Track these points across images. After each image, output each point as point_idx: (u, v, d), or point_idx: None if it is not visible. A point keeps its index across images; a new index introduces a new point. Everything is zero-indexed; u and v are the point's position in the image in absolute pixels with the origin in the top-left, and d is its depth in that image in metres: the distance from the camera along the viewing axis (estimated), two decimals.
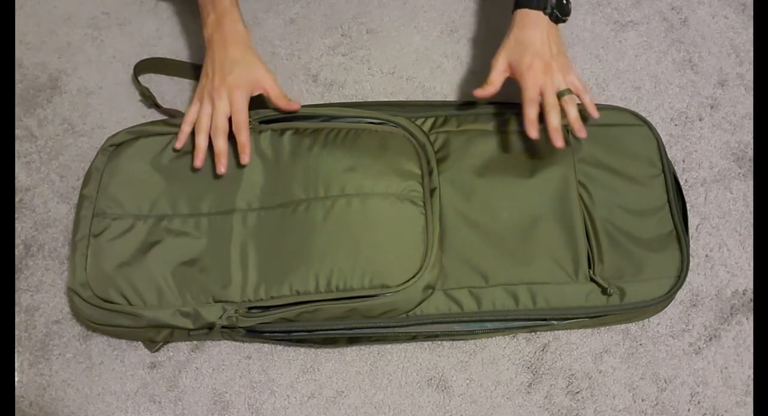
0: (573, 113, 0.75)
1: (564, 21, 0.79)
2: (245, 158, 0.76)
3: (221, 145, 0.75)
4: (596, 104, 0.85)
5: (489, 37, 0.78)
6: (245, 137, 0.76)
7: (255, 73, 0.77)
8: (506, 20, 0.79)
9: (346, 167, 0.77)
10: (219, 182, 0.77)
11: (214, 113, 0.75)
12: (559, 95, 0.75)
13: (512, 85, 0.78)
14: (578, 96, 0.77)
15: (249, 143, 0.76)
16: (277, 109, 0.79)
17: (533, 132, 0.75)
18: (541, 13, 0.76)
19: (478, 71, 0.92)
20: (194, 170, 0.78)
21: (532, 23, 0.76)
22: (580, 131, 0.75)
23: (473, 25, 0.96)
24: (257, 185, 0.77)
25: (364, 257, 0.72)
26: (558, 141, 0.74)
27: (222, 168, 0.75)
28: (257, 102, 0.79)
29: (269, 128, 0.79)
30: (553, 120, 0.74)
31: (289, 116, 0.80)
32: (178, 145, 0.77)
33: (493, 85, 0.77)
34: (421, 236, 0.74)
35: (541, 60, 0.75)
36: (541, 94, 0.75)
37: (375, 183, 0.76)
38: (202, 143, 0.76)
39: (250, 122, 0.78)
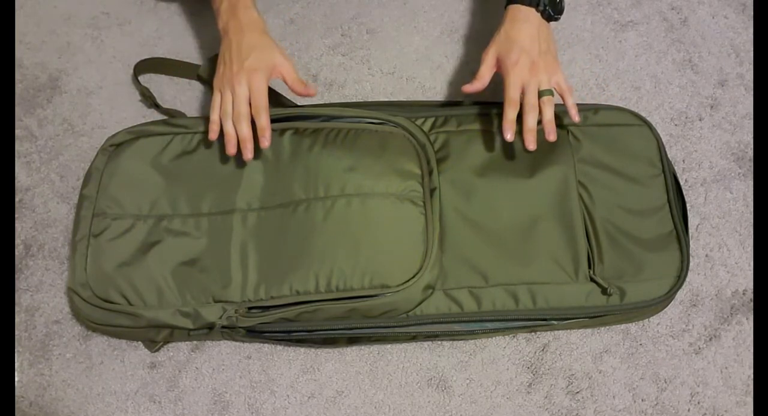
0: (548, 115, 0.74)
1: (556, 19, 0.79)
2: (265, 142, 0.73)
3: (245, 131, 0.73)
4: (596, 104, 0.85)
5: (489, 38, 0.78)
6: (265, 120, 0.73)
7: (273, 58, 0.75)
8: None
9: (346, 167, 0.76)
10: (219, 182, 0.77)
11: (235, 99, 0.73)
12: (540, 95, 0.74)
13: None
14: (561, 97, 0.76)
15: (269, 127, 0.74)
16: (294, 93, 0.78)
17: (509, 134, 0.74)
18: (533, 9, 0.76)
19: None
20: (194, 169, 0.78)
21: (524, 19, 0.76)
22: (550, 133, 0.74)
23: (473, 25, 0.96)
24: (257, 185, 0.77)
25: (364, 257, 0.72)
26: (530, 144, 0.74)
27: (249, 154, 0.73)
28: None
29: None
30: (529, 121, 0.74)
31: (289, 116, 0.80)
32: (213, 136, 0.75)
33: (481, 80, 0.77)
34: (421, 236, 0.74)
35: (528, 57, 0.74)
36: (523, 92, 0.74)
37: (375, 183, 0.75)
38: (230, 129, 0.74)
39: None
